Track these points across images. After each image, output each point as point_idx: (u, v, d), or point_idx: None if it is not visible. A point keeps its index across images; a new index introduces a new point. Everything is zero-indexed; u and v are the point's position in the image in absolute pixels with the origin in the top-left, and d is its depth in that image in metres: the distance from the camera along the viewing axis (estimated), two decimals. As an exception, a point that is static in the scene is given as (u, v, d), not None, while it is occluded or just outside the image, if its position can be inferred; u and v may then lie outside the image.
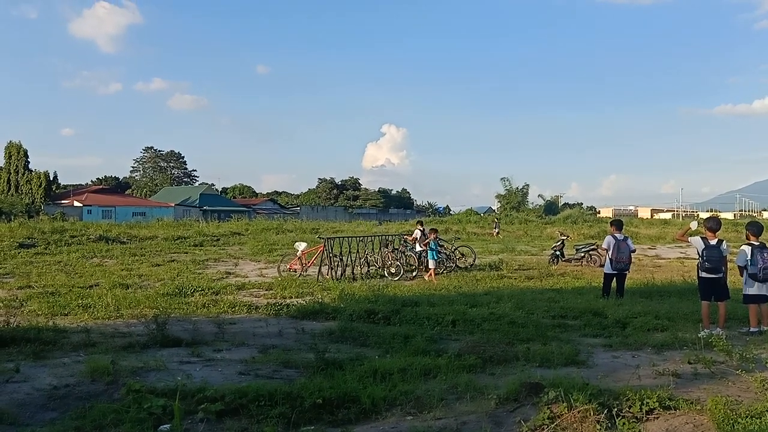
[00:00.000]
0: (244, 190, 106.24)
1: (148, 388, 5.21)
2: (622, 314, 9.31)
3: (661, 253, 26.80)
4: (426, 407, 5.01)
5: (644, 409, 4.60)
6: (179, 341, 7.72)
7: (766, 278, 8.38)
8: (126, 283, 13.70)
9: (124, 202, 70.22)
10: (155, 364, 6.45)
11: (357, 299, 11.36)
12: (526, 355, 6.86)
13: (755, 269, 8.35)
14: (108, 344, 7.56)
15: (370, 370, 6.08)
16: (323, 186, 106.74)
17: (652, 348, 7.39)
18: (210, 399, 4.94)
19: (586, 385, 4.99)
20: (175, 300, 11.41)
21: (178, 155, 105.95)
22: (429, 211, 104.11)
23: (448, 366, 6.29)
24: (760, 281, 8.42)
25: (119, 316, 9.86)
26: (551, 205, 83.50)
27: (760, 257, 8.34)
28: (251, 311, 10.47)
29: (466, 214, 69.77)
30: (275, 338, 8.30)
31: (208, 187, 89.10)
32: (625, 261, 11.54)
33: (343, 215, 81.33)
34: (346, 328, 8.60)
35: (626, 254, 11.49)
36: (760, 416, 4.21)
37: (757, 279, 8.40)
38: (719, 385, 5.46)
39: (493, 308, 9.97)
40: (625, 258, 11.48)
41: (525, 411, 4.79)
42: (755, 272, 8.36)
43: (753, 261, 8.36)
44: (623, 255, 11.42)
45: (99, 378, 5.88)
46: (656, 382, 5.50)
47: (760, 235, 8.70)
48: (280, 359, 6.86)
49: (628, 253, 11.54)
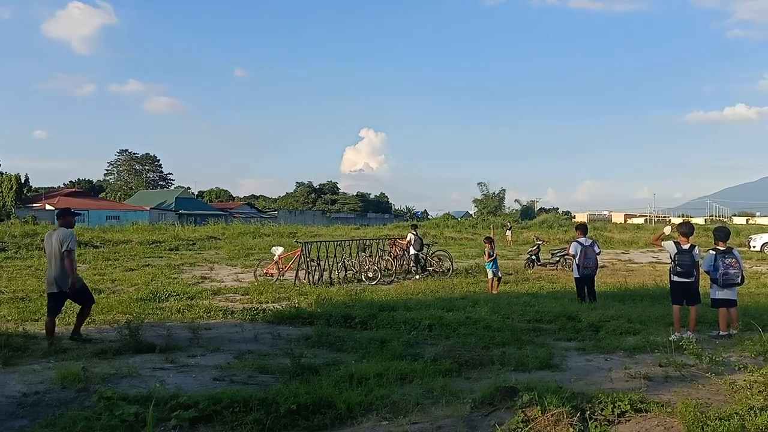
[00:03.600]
0: (221, 194, 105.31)
1: (120, 395, 5.14)
2: (596, 318, 9.43)
3: (633, 257, 27.20)
4: (402, 412, 5.01)
5: (616, 411, 4.66)
6: (153, 347, 7.62)
7: (726, 284, 8.53)
8: (99, 288, 13.48)
9: (97, 205, 69.01)
10: (128, 371, 6.35)
11: (334, 304, 11.34)
12: (501, 359, 6.91)
13: (716, 275, 8.52)
14: (79, 351, 7.44)
15: (347, 375, 6.07)
16: (301, 190, 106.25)
17: (625, 351, 7.49)
18: (183, 406, 4.89)
19: (560, 389, 5.06)
20: (148, 305, 11.27)
21: (153, 158, 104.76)
22: (407, 216, 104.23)
23: (425, 370, 6.31)
24: (720, 286, 8.60)
25: (91, 321, 9.69)
26: (527, 209, 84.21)
27: (721, 263, 8.50)
28: (227, 316, 10.40)
29: (443, 219, 70.10)
30: (251, 343, 8.24)
31: (184, 191, 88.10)
32: (592, 266, 11.72)
33: (321, 219, 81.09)
34: (323, 333, 8.57)
35: (593, 260, 11.66)
36: (729, 419, 4.29)
37: (717, 284, 8.57)
38: (690, 388, 5.56)
39: (470, 312, 10.02)
40: (591, 264, 11.66)
41: (500, 415, 4.83)
42: (716, 278, 8.53)
43: (715, 266, 8.52)
44: (590, 261, 11.60)
45: (70, 385, 5.78)
46: (628, 385, 5.58)
47: (727, 240, 8.88)
48: (256, 365, 6.81)
49: (594, 259, 11.71)
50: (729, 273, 8.48)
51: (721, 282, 8.52)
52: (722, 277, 8.48)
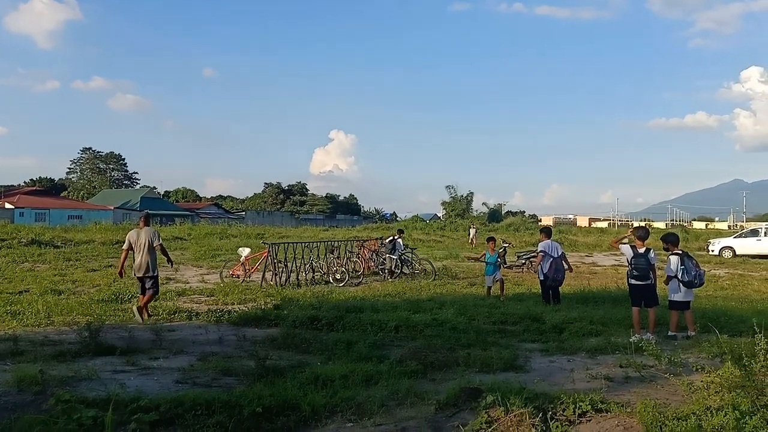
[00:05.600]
0: (188, 194, 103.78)
1: (79, 398, 5.02)
2: (559, 320, 9.56)
3: (597, 260, 27.69)
4: (367, 413, 5.01)
5: (577, 411, 4.74)
6: (113, 349, 7.47)
7: (701, 282, 8.89)
8: (59, 289, 13.17)
9: (59, 204, 67.30)
10: (87, 374, 6.21)
11: (300, 305, 11.27)
12: (466, 360, 6.96)
13: (689, 276, 8.70)
14: (37, 353, 7.25)
15: (312, 377, 6.04)
16: (269, 191, 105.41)
17: (587, 352, 7.62)
18: (144, 409, 4.80)
19: (523, 390, 5.12)
20: (110, 306, 11.05)
21: (118, 157, 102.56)
22: (376, 218, 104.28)
23: (390, 372, 6.32)
24: (696, 287, 8.87)
25: (50, 323, 9.47)
26: (495, 212, 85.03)
27: (690, 264, 8.75)
28: (191, 318, 10.25)
29: (412, 221, 70.35)
30: (215, 345, 8.14)
31: (150, 190, 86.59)
32: (560, 279, 11.89)
33: (289, 221, 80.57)
34: (289, 334, 8.52)
35: (561, 272, 11.81)
36: (687, 418, 4.38)
37: (693, 285, 8.79)
38: (649, 389, 5.68)
39: (436, 314, 10.05)
40: (560, 276, 11.83)
41: (463, 416, 4.86)
42: (690, 279, 8.71)
43: (686, 269, 8.72)
44: (559, 273, 11.76)
45: (26, 388, 5.63)
46: (589, 386, 5.68)
47: (678, 244, 9.19)
48: (220, 367, 6.73)
49: (563, 272, 11.85)
50: (700, 273, 8.79)
51: (698, 282, 8.78)
52: (697, 277, 8.74)
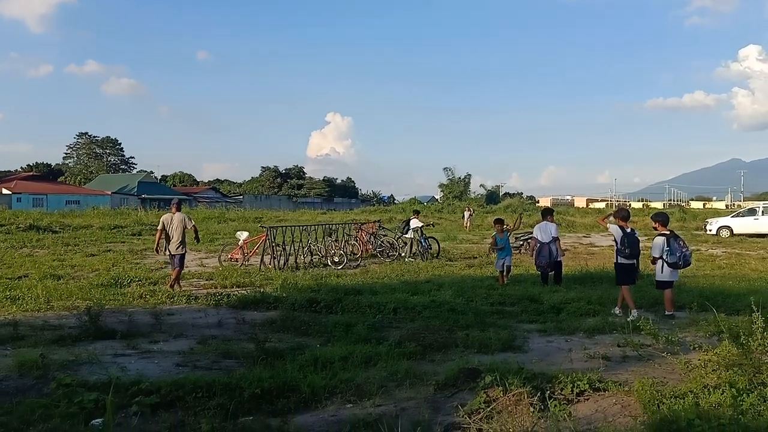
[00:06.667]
0: (185, 179, 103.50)
1: (80, 382, 5.06)
2: (557, 300, 9.60)
3: (595, 240, 27.72)
4: (366, 395, 5.05)
5: (575, 391, 4.79)
6: (113, 333, 7.50)
7: (687, 263, 8.86)
8: (58, 274, 13.18)
9: (56, 189, 67.08)
10: (87, 357, 6.25)
11: (299, 288, 11.30)
12: (465, 341, 7.00)
13: (675, 258, 8.71)
14: (37, 337, 7.28)
15: (311, 359, 6.08)
16: (267, 174, 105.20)
17: (584, 332, 7.67)
18: (145, 392, 4.83)
19: (521, 370, 5.16)
20: (110, 291, 11.06)
21: (114, 141, 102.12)
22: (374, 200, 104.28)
23: (389, 353, 6.35)
24: (681, 268, 8.87)
25: (50, 308, 9.49)
26: (492, 194, 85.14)
27: (676, 245, 8.75)
28: (190, 302, 10.26)
29: (410, 203, 70.36)
30: (215, 329, 8.17)
31: (147, 175, 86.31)
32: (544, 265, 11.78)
33: (287, 204, 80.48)
34: (288, 317, 8.54)
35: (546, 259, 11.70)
36: (684, 397, 4.42)
37: (677, 267, 8.81)
38: (646, 368, 5.73)
39: (434, 296, 10.10)
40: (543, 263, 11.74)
41: (462, 396, 4.90)
42: (675, 260, 8.73)
43: (671, 250, 8.72)
44: (543, 260, 11.71)
45: (27, 372, 5.66)
46: (587, 365, 5.73)
47: (667, 225, 9.19)
48: (220, 350, 6.76)
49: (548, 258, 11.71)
50: (686, 254, 8.75)
51: (682, 263, 8.77)
52: (682, 258, 8.73)
